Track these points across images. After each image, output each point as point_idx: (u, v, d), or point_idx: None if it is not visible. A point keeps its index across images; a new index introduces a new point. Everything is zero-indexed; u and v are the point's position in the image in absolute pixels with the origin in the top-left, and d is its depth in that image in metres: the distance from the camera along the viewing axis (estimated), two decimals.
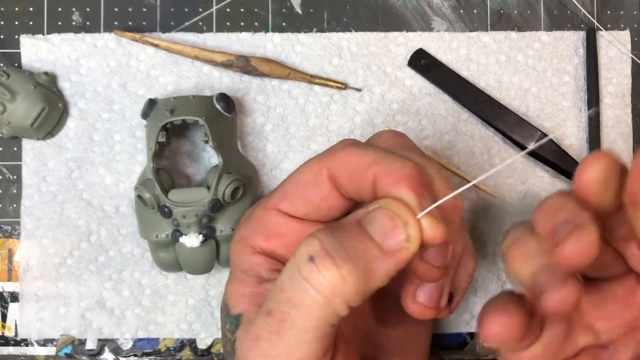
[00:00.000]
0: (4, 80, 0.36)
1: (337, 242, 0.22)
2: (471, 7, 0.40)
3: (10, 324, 0.38)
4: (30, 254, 0.38)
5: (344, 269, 0.21)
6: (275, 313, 0.23)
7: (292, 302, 0.22)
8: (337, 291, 0.21)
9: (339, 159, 0.26)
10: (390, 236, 0.22)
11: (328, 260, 0.21)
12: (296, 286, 0.22)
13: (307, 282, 0.22)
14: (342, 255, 0.22)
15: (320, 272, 0.21)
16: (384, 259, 0.22)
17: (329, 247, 0.22)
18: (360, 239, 0.22)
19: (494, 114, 0.39)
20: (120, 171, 0.39)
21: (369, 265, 0.22)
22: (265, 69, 0.38)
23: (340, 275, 0.21)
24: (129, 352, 0.38)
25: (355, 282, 0.21)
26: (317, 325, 0.22)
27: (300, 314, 0.22)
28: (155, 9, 0.40)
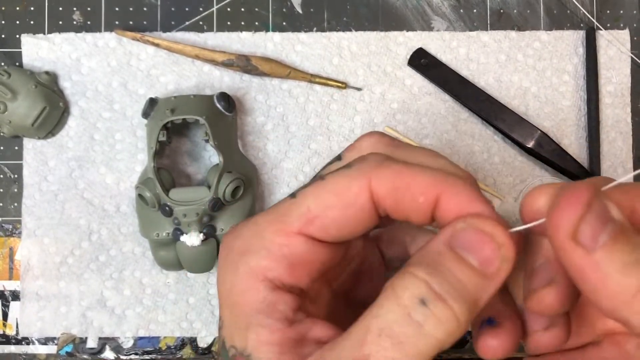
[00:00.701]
0: (5, 79, 0.36)
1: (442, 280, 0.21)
2: (471, 7, 0.40)
3: (12, 322, 0.38)
4: (31, 252, 0.38)
5: (457, 310, 0.21)
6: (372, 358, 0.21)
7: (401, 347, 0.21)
8: (451, 330, 0.21)
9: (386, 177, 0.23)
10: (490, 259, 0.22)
11: (440, 302, 0.21)
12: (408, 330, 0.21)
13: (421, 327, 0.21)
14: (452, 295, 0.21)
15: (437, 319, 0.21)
16: (486, 286, 0.22)
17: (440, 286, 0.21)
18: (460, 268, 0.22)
19: (493, 113, 0.39)
20: (121, 170, 0.39)
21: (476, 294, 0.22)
22: (266, 68, 0.38)
23: (456, 319, 0.21)
24: (130, 350, 0.39)
25: (467, 319, 0.21)
26: None
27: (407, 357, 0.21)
28: (156, 9, 0.40)
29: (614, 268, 0.19)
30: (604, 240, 0.19)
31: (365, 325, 0.21)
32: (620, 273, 0.18)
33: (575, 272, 0.19)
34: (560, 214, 0.19)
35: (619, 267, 0.19)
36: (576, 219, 0.19)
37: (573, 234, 0.19)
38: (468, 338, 0.39)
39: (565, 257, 0.19)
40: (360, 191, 0.23)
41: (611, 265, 0.19)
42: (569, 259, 0.19)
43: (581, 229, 0.19)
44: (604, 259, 0.19)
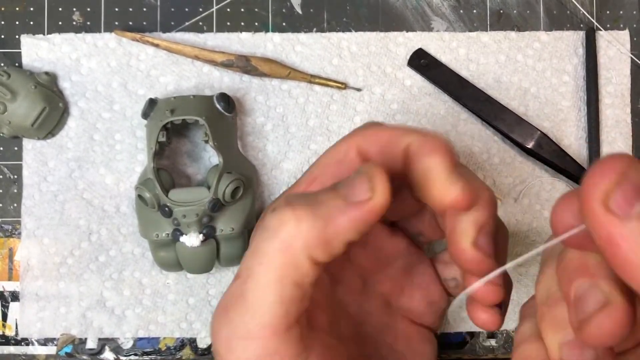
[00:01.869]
0: (5, 80, 0.36)
1: (301, 196, 0.23)
2: (471, 7, 0.40)
3: (11, 323, 0.38)
4: (30, 253, 0.38)
5: (300, 212, 0.22)
6: (242, 272, 0.23)
7: (256, 256, 0.22)
8: (293, 234, 0.22)
9: (369, 134, 0.26)
10: (356, 189, 0.22)
11: (288, 207, 0.22)
12: (259, 238, 0.22)
13: (266, 230, 0.22)
14: (301, 204, 0.22)
15: (279, 217, 0.22)
16: (347, 209, 0.22)
17: (292, 199, 0.23)
18: (326, 193, 0.23)
19: (493, 114, 0.39)
20: (120, 171, 0.39)
21: (329, 212, 0.22)
22: (266, 68, 0.38)
23: (295, 217, 0.22)
24: (130, 351, 0.39)
25: (311, 225, 0.22)
26: (279, 279, 0.22)
27: (262, 265, 0.22)
28: (156, 9, 0.40)
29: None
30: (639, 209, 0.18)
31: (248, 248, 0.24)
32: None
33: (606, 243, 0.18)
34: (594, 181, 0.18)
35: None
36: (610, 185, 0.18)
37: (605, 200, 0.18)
38: (468, 339, 0.39)
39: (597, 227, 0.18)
40: (349, 148, 0.27)
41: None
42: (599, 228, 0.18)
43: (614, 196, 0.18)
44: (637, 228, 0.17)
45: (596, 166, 0.18)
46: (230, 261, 0.36)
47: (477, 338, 0.39)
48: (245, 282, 0.22)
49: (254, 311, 0.22)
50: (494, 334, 0.39)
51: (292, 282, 0.22)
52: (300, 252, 0.22)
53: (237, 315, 0.22)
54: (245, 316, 0.22)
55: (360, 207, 0.22)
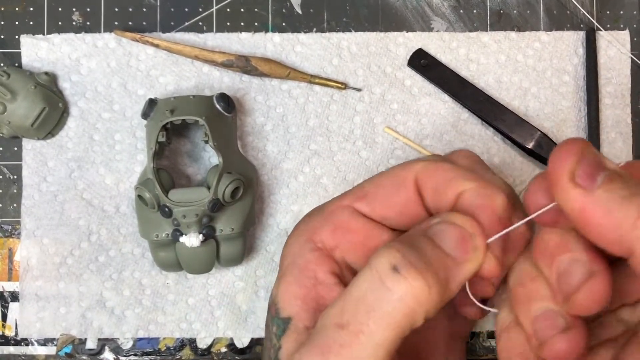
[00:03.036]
0: (5, 80, 0.36)
1: (416, 253, 0.23)
2: (471, 7, 0.40)
3: (11, 323, 0.38)
4: (30, 253, 0.38)
5: (430, 279, 0.22)
6: (350, 325, 0.22)
7: (373, 313, 0.22)
8: (422, 301, 0.22)
9: (430, 170, 0.26)
10: (460, 247, 0.23)
11: (413, 270, 0.22)
12: (380, 296, 0.22)
13: (391, 294, 0.22)
14: (424, 266, 0.22)
15: (408, 282, 0.22)
16: (457, 269, 0.23)
17: (411, 257, 0.22)
18: (432, 248, 0.23)
19: (493, 114, 0.39)
20: (120, 171, 0.39)
21: (447, 274, 0.23)
22: (265, 69, 0.38)
23: (427, 284, 0.22)
24: (129, 351, 0.39)
25: (438, 291, 0.22)
26: (394, 338, 0.22)
27: (380, 326, 0.22)
28: (156, 9, 0.40)
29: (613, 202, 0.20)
30: (601, 180, 0.20)
31: (345, 294, 0.23)
32: (619, 204, 0.20)
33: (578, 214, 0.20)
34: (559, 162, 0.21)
35: (617, 200, 0.20)
36: (573, 163, 0.20)
37: (571, 177, 0.20)
38: (468, 339, 0.39)
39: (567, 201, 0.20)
40: (407, 176, 0.27)
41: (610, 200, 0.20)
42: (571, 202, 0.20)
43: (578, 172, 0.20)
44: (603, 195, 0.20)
45: (557, 149, 0.21)
46: (230, 261, 0.36)
47: (477, 338, 0.39)
48: (357, 336, 0.22)
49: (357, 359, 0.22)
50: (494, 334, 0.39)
51: (402, 336, 0.22)
52: (422, 315, 0.22)
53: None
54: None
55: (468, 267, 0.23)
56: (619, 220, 0.19)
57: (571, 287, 0.21)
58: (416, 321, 0.22)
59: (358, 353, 0.22)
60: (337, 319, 0.23)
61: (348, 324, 0.22)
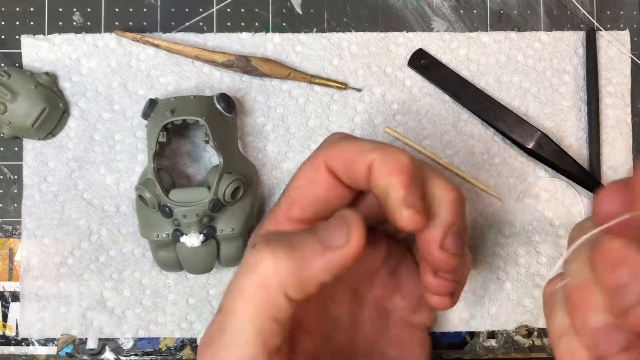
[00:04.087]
0: (5, 80, 0.36)
1: (281, 236, 0.24)
2: (471, 7, 0.40)
3: (11, 323, 0.38)
4: (31, 253, 0.38)
5: (279, 252, 0.23)
6: (223, 307, 0.24)
7: (235, 292, 0.23)
8: (271, 273, 0.23)
9: (335, 150, 0.27)
10: (332, 235, 0.24)
11: (266, 245, 0.23)
12: (239, 274, 0.24)
13: (246, 266, 0.23)
14: (280, 244, 0.23)
15: (259, 255, 0.23)
16: (323, 253, 0.23)
17: (272, 237, 0.24)
18: (305, 236, 0.24)
19: (494, 114, 0.39)
20: (120, 171, 0.39)
21: (305, 254, 0.23)
22: (266, 69, 0.38)
23: (274, 256, 0.23)
24: (130, 351, 0.39)
25: (288, 266, 0.23)
26: (256, 314, 0.23)
27: (240, 300, 0.23)
28: (156, 9, 0.40)
29: None
30: None
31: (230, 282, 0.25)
32: None
33: None
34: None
35: None
36: None
37: None
38: (468, 339, 0.39)
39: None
40: (318, 166, 0.28)
41: None
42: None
43: None
44: None
45: None
46: (230, 261, 0.36)
47: (477, 338, 0.39)
48: (225, 317, 0.23)
49: (234, 344, 0.23)
50: (494, 334, 0.39)
51: (269, 316, 0.23)
52: (276, 289, 0.23)
53: (219, 348, 0.23)
54: (227, 349, 0.23)
55: (336, 253, 0.23)
56: None
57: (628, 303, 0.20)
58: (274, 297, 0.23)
59: (229, 335, 0.23)
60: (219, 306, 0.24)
61: (222, 306, 0.24)
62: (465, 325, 0.39)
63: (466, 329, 0.39)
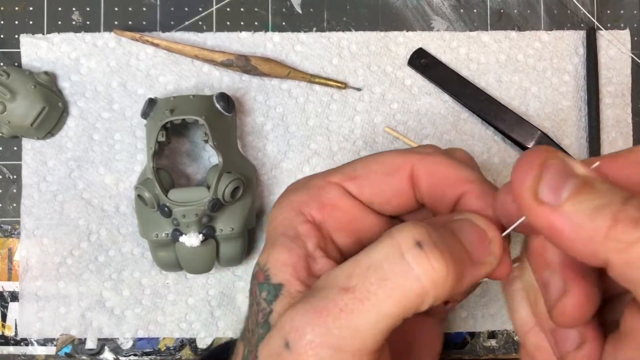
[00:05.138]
0: (4, 79, 0.36)
1: (441, 236, 0.22)
2: (471, 7, 0.40)
3: (10, 323, 0.38)
4: (30, 253, 0.38)
5: (450, 265, 0.21)
6: (357, 291, 0.21)
7: (385, 285, 0.21)
8: (438, 284, 0.21)
9: (428, 163, 0.26)
10: (479, 248, 0.22)
11: (437, 251, 0.21)
12: (396, 268, 0.21)
13: (409, 267, 0.21)
14: (447, 250, 0.21)
15: (429, 261, 0.21)
16: (472, 268, 0.22)
17: (436, 238, 0.22)
18: (455, 241, 0.22)
19: (494, 114, 0.39)
20: (120, 170, 0.39)
21: (464, 269, 0.22)
22: (265, 68, 0.38)
23: (446, 268, 0.21)
24: (129, 351, 0.38)
25: (454, 279, 0.21)
26: (399, 315, 0.21)
27: (390, 297, 0.21)
28: (155, 9, 0.40)
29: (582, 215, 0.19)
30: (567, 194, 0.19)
31: (357, 259, 0.22)
32: (589, 217, 0.18)
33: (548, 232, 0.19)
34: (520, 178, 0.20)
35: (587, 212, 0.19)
36: (535, 178, 0.19)
37: (535, 195, 0.19)
38: (468, 339, 0.39)
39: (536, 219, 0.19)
40: (403, 165, 0.26)
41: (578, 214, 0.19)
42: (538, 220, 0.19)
43: (541, 187, 0.19)
44: (570, 209, 0.19)
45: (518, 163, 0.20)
46: (230, 261, 0.36)
47: (477, 338, 0.39)
48: (362, 303, 0.21)
49: (359, 332, 0.21)
50: (495, 334, 0.39)
51: (404, 317, 0.22)
52: (430, 299, 0.21)
53: (338, 328, 0.21)
54: (348, 332, 0.21)
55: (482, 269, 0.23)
56: (590, 233, 0.18)
57: (550, 301, 0.21)
58: (424, 303, 0.21)
59: (359, 321, 0.21)
60: (342, 282, 0.22)
61: (354, 289, 0.21)
62: (466, 325, 0.39)
63: (466, 329, 0.39)
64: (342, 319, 0.21)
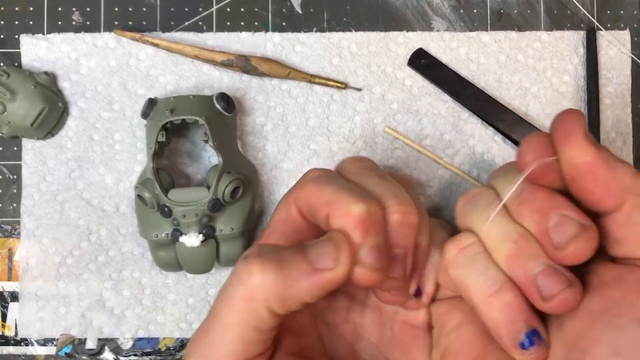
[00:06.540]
0: (4, 79, 0.36)
1: (273, 250, 0.25)
2: (471, 7, 0.40)
3: (10, 323, 0.38)
4: (30, 253, 0.38)
5: (268, 267, 0.24)
6: (212, 309, 0.25)
7: (223, 298, 0.24)
8: (258, 287, 0.23)
9: (302, 195, 0.28)
10: (320, 256, 0.24)
11: (257, 259, 0.24)
12: (229, 282, 0.25)
13: (236, 277, 0.24)
14: (270, 259, 0.24)
15: (248, 267, 0.24)
16: (310, 274, 0.24)
17: (264, 251, 0.24)
18: (295, 255, 0.24)
19: (494, 114, 0.39)
20: (120, 171, 0.39)
21: (293, 273, 0.24)
22: (265, 68, 0.38)
23: (263, 271, 0.23)
24: (129, 351, 0.38)
25: (275, 282, 0.23)
26: (240, 322, 0.24)
27: (226, 306, 0.24)
28: (156, 9, 0.40)
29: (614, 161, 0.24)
30: None
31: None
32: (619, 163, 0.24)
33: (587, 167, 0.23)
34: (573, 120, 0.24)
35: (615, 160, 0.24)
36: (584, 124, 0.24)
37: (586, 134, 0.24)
38: None
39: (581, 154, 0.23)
40: (290, 207, 0.28)
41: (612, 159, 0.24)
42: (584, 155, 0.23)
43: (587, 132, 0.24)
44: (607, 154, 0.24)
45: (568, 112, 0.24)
46: (230, 261, 0.36)
47: None
48: (212, 320, 0.25)
49: (216, 346, 0.24)
50: None
51: (252, 326, 0.24)
52: (261, 303, 0.24)
53: (204, 347, 0.25)
54: (210, 349, 0.25)
55: (322, 276, 0.24)
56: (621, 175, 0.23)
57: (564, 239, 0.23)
58: (258, 309, 0.24)
59: (213, 337, 0.24)
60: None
61: (210, 310, 0.25)
62: None
63: None
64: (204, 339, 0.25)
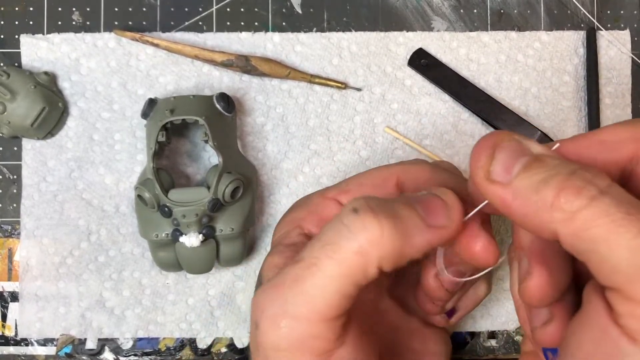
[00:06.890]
0: (4, 80, 0.36)
1: (382, 203, 0.23)
2: (471, 7, 0.40)
3: (10, 323, 0.38)
4: (30, 253, 0.38)
5: (385, 224, 0.22)
6: (305, 259, 0.23)
7: (327, 248, 0.22)
8: (374, 243, 0.22)
9: (411, 171, 0.28)
10: (433, 212, 0.23)
11: (371, 213, 0.22)
12: (335, 233, 0.23)
13: (347, 229, 0.22)
14: (383, 212, 0.22)
15: (362, 222, 0.22)
16: (424, 230, 0.23)
17: (374, 205, 0.23)
18: (408, 209, 0.23)
19: (494, 114, 0.39)
20: (120, 171, 0.39)
21: (409, 229, 0.23)
22: (265, 68, 0.38)
23: (380, 227, 0.22)
24: (129, 351, 0.38)
25: (392, 239, 0.22)
26: (345, 276, 0.22)
27: (332, 260, 0.22)
28: (156, 9, 0.40)
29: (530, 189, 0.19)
30: (517, 170, 0.20)
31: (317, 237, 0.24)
32: (535, 190, 0.19)
33: (502, 209, 0.20)
34: (473, 161, 0.21)
35: (534, 186, 0.19)
36: (487, 160, 0.21)
37: (487, 174, 0.20)
38: (468, 339, 0.39)
39: (490, 198, 0.21)
40: (389, 177, 0.28)
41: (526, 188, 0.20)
42: (492, 198, 0.21)
43: (493, 167, 0.20)
44: (519, 185, 0.20)
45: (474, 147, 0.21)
46: (230, 261, 0.36)
47: (477, 338, 0.39)
48: (309, 268, 0.23)
49: (310, 297, 0.22)
50: (495, 334, 0.39)
51: (354, 281, 0.22)
52: (374, 260, 0.22)
53: (292, 296, 0.23)
54: (301, 298, 0.22)
55: (436, 232, 0.23)
56: (537, 205, 0.19)
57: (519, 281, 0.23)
58: (368, 266, 0.22)
59: (309, 286, 0.22)
60: (298, 257, 0.23)
61: (303, 259, 0.23)
62: (466, 326, 0.39)
63: (466, 329, 0.39)
64: (294, 288, 0.23)
